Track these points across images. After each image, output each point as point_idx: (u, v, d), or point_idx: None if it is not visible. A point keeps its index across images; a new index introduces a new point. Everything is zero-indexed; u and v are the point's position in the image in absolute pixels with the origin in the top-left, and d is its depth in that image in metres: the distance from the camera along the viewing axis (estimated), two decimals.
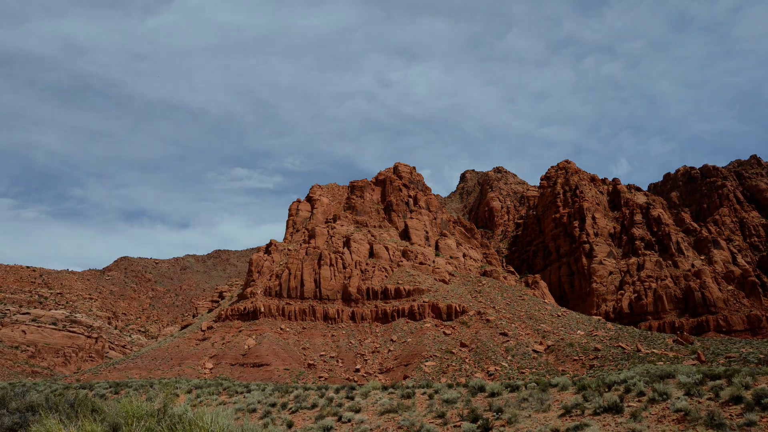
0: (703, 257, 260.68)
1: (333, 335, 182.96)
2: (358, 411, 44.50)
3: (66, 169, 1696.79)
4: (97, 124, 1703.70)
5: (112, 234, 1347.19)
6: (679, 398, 31.38)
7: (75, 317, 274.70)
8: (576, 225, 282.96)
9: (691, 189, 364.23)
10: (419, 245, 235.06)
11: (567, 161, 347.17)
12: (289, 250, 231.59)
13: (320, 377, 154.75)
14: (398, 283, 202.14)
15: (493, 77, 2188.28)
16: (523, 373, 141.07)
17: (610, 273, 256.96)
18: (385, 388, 53.18)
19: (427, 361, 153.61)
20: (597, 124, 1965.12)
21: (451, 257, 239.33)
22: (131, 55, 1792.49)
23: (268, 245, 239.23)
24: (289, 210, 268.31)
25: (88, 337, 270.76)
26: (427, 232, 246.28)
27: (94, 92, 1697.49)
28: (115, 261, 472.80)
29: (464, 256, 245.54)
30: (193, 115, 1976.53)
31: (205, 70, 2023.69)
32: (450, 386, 51.36)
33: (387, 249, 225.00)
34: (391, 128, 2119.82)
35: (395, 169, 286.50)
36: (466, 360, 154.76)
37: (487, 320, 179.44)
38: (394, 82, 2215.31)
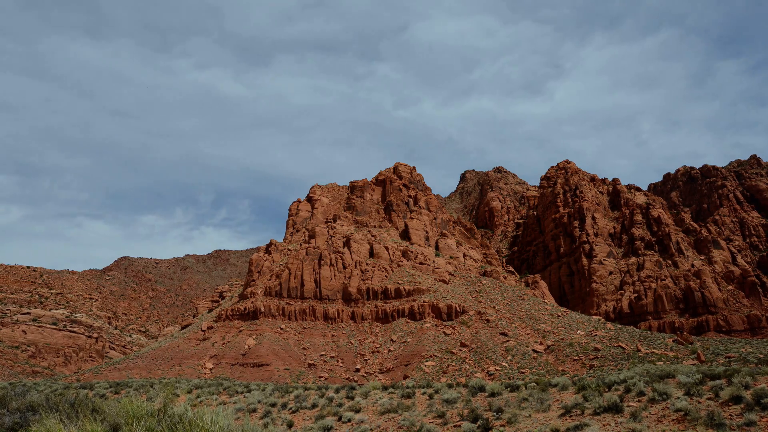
0: (703, 257, 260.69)
1: (333, 335, 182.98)
2: (358, 411, 44.52)
3: None
4: None
5: None
6: (679, 398, 31.39)
7: (75, 317, 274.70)
8: (576, 225, 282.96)
9: (691, 189, 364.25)
10: (419, 245, 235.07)
11: (567, 161, 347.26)
12: (289, 250, 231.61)
13: (320, 377, 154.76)
14: (398, 283, 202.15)
15: None
16: (523, 373, 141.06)
17: (610, 273, 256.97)
18: (385, 388, 53.19)
19: (427, 361, 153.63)
20: None
21: (451, 257, 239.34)
22: None
23: (268, 245, 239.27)
24: (289, 210, 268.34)
25: (89, 337, 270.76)
26: (427, 232, 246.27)
27: None
28: (115, 261, 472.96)
29: (464, 256, 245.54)
30: None
31: None
32: (450, 386, 51.37)
33: (387, 249, 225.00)
34: None
35: (395, 169, 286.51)
36: (466, 360, 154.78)
37: (487, 320, 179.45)
38: None
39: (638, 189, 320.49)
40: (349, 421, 41.68)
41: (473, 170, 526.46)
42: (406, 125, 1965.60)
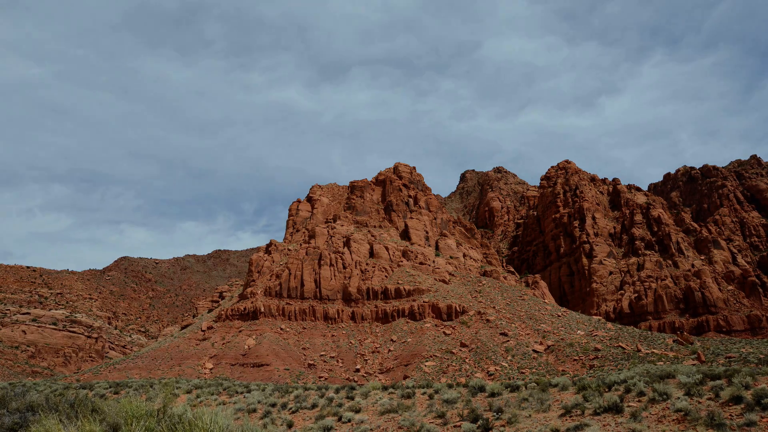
0: (703, 257, 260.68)
1: (333, 335, 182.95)
2: (358, 411, 44.50)
3: None
4: None
5: None
6: (679, 398, 31.37)
7: (75, 317, 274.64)
8: (576, 225, 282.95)
9: (691, 189, 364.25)
10: (419, 245, 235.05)
11: (567, 161, 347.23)
12: (289, 250, 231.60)
13: (320, 377, 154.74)
14: (398, 283, 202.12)
15: None
16: (523, 373, 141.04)
17: (610, 273, 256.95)
18: (385, 388, 53.17)
19: (427, 361, 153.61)
20: None
21: (451, 257, 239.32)
22: None
23: (268, 245, 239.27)
24: (289, 210, 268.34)
25: (88, 337, 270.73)
26: (427, 232, 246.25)
27: None
28: (115, 261, 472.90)
29: (464, 256, 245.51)
30: None
31: None
32: (450, 386, 51.35)
33: (387, 249, 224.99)
34: None
35: (395, 169, 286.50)
36: (466, 360, 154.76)
37: (487, 320, 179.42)
38: None
39: (638, 189, 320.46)
40: (349, 421, 41.66)
41: (473, 170, 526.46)
42: (460, 137, 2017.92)
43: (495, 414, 35.85)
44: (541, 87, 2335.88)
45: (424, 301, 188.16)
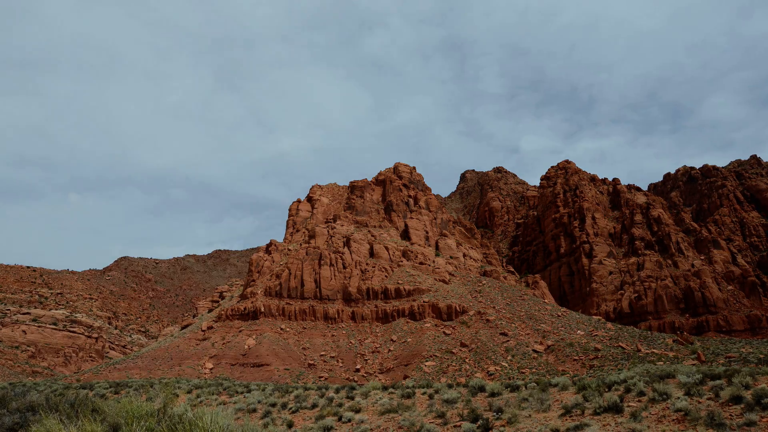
0: (703, 257, 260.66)
1: (333, 335, 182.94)
2: (358, 411, 44.50)
3: None
4: None
5: None
6: (679, 398, 31.38)
7: (75, 317, 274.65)
8: (576, 225, 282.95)
9: (691, 189, 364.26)
10: (419, 245, 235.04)
11: (567, 161, 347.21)
12: (289, 250, 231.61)
13: (320, 377, 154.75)
14: (398, 283, 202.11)
15: None
16: (523, 373, 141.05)
17: (610, 273, 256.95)
18: (385, 388, 53.19)
19: (427, 361, 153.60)
20: None
21: (451, 257, 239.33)
22: None
23: (268, 245, 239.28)
24: (289, 210, 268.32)
25: (89, 337, 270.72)
26: (427, 232, 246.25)
27: None
28: (115, 261, 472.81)
29: (464, 256, 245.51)
30: None
31: None
32: (450, 386, 51.37)
33: (387, 249, 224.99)
34: None
35: (395, 168, 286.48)
36: (466, 360, 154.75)
37: (487, 320, 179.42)
38: None
39: (638, 189, 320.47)
40: (349, 421, 41.66)
41: (473, 170, 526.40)
42: None
43: (495, 414, 35.86)
44: None
45: (424, 301, 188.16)
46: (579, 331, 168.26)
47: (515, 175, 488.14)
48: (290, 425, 43.31)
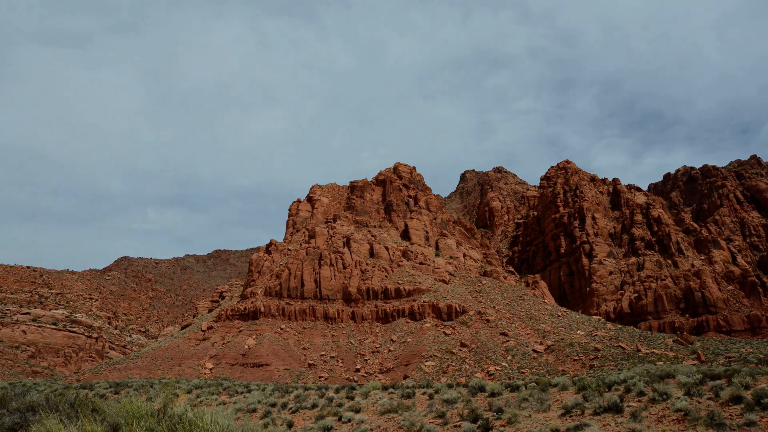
0: (703, 257, 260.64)
1: (333, 335, 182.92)
2: (358, 411, 44.49)
3: None
4: None
5: None
6: (679, 398, 31.38)
7: (75, 317, 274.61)
8: (576, 225, 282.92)
9: (691, 189, 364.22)
10: (419, 245, 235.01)
11: (567, 161, 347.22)
12: (289, 250, 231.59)
13: (320, 377, 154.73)
14: (398, 283, 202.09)
15: None
16: (523, 373, 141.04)
17: (610, 273, 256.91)
18: (385, 388, 53.18)
19: (427, 361, 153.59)
20: None
21: (451, 257, 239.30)
22: None
23: (268, 245, 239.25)
24: (289, 210, 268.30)
25: (89, 337, 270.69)
26: (427, 232, 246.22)
27: None
28: (115, 261, 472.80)
29: (464, 256, 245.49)
30: None
31: None
32: (450, 386, 51.37)
33: (387, 249, 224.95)
34: None
35: (395, 169, 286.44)
36: (466, 360, 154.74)
37: (487, 320, 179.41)
38: None
39: (638, 189, 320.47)
40: (349, 421, 41.66)
41: (473, 170, 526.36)
42: None
43: (495, 414, 35.85)
44: None
45: (424, 301, 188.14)
46: (579, 331, 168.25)
47: (515, 175, 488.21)
48: (290, 425, 43.30)
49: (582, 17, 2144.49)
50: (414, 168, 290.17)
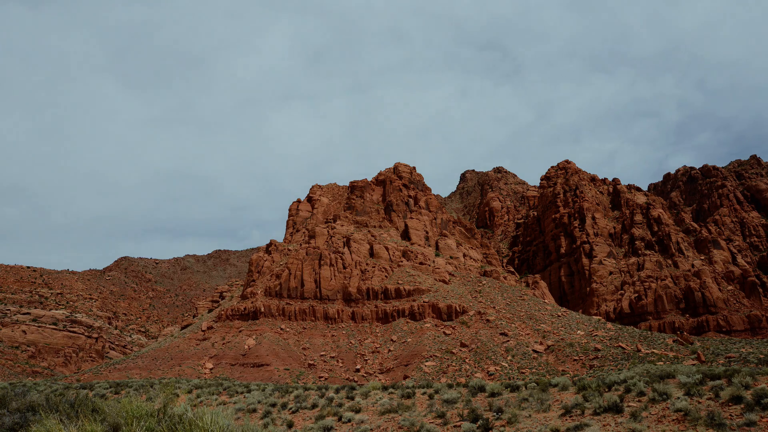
0: (703, 257, 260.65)
1: (333, 335, 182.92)
2: (358, 411, 44.49)
3: None
4: None
5: None
6: (679, 398, 31.37)
7: (75, 317, 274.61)
8: (576, 225, 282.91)
9: (691, 189, 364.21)
10: (419, 245, 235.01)
11: (567, 161, 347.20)
12: (289, 250, 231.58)
13: (320, 377, 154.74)
14: (398, 283, 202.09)
15: None
16: (523, 373, 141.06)
17: (610, 273, 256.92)
18: (385, 388, 53.18)
19: (427, 361, 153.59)
20: None
21: (451, 257, 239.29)
22: None
23: (268, 245, 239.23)
24: (289, 210, 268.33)
25: (89, 337, 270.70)
26: (427, 232, 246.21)
27: None
28: (115, 261, 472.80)
29: (464, 256, 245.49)
30: None
31: None
32: (450, 386, 51.36)
33: (387, 249, 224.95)
34: None
35: (395, 169, 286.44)
36: (466, 360, 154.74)
37: (487, 320, 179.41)
38: None
39: (638, 189, 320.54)
40: (350, 421, 41.66)
41: (473, 170, 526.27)
42: None
43: (495, 414, 35.86)
44: None
45: (424, 301, 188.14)
46: (579, 331, 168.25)
47: (515, 175, 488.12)
48: (290, 425, 43.30)
49: None
50: (414, 168, 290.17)
